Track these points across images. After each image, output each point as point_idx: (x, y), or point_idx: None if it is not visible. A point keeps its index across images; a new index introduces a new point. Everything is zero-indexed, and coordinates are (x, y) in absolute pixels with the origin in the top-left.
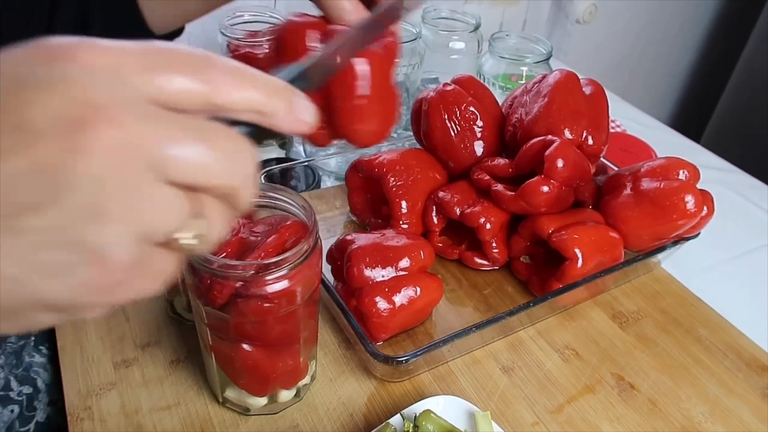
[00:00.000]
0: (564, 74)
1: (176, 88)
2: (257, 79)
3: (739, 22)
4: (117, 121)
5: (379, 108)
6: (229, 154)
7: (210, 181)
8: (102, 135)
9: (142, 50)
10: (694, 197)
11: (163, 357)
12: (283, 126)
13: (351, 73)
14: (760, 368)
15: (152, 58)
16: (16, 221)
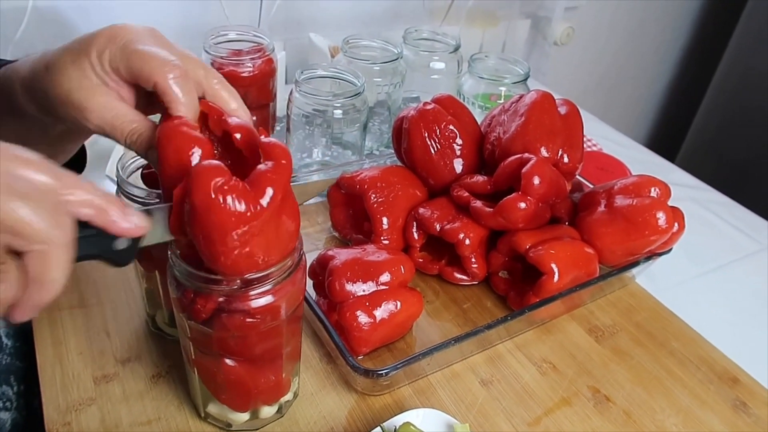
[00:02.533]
0: (540, 94)
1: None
2: (99, 191)
3: (711, 46)
4: None
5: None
6: (49, 214)
7: (24, 233)
8: None
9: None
10: (666, 214)
11: (144, 372)
12: (116, 225)
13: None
14: (731, 380)
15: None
16: None
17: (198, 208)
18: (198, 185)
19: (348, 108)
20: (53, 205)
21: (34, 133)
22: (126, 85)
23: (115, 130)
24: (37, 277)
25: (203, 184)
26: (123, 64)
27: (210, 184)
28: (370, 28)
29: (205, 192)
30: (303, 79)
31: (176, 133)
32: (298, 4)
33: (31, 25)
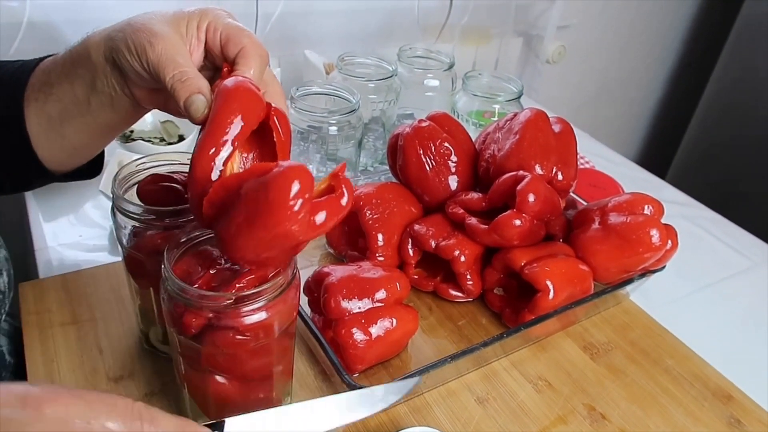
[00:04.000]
0: (534, 112)
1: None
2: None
3: (701, 63)
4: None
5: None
6: None
7: None
8: None
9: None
10: (659, 231)
11: (137, 390)
12: None
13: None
14: (725, 397)
15: (97, 406)
16: None
17: (267, 207)
18: (279, 184)
19: (343, 125)
20: None
21: (101, 113)
22: (201, 50)
23: (170, 64)
24: None
25: (285, 185)
26: (222, 26)
27: (290, 188)
28: (364, 45)
29: (284, 195)
30: (298, 95)
31: (246, 90)
32: (294, 22)
33: (26, 40)
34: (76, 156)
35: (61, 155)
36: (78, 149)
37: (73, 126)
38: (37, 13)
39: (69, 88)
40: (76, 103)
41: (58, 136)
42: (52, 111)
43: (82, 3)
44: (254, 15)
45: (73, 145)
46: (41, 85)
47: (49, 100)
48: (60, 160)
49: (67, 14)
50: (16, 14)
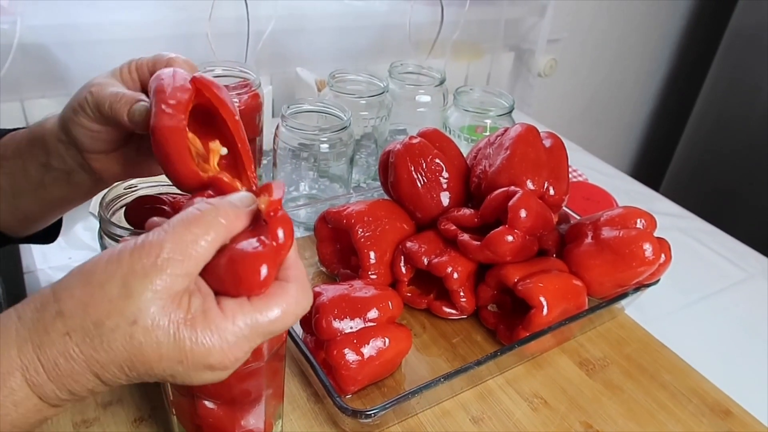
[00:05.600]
0: (525, 128)
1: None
2: None
3: (692, 75)
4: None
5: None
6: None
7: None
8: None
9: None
10: (652, 245)
11: (126, 416)
12: None
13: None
14: (723, 412)
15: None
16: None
17: (238, 283)
18: (248, 269)
19: (335, 142)
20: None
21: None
22: (138, 89)
23: (107, 97)
24: None
25: (254, 269)
26: (146, 60)
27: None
28: (356, 62)
29: (255, 278)
30: (290, 113)
31: (165, 76)
32: (285, 39)
33: (17, 62)
34: (28, 225)
35: (13, 223)
36: (30, 219)
37: (25, 199)
38: (27, 35)
39: (21, 165)
40: (28, 180)
41: (10, 206)
42: (4, 183)
43: (73, 25)
44: (245, 33)
45: (25, 216)
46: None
47: (2, 173)
48: (13, 227)
49: (58, 36)
50: (7, 36)
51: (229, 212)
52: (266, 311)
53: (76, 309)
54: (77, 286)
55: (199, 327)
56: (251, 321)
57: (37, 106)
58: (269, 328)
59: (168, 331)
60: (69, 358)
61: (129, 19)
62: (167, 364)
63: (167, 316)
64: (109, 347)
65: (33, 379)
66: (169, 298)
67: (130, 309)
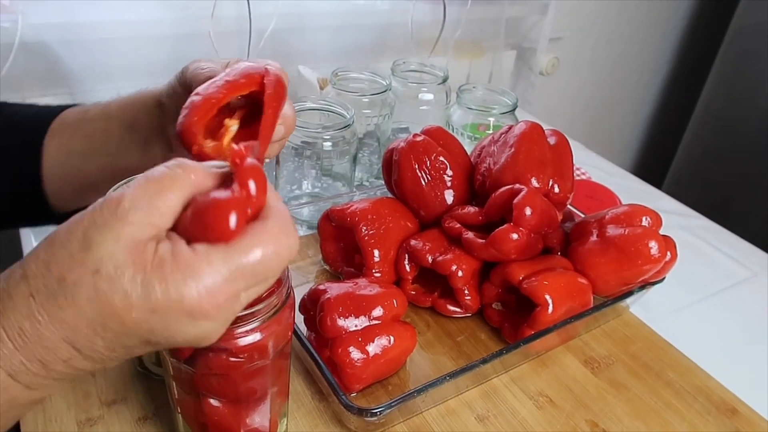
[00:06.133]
0: (529, 125)
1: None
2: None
3: (694, 74)
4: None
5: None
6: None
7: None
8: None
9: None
10: (658, 243)
11: (130, 414)
12: None
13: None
14: (729, 411)
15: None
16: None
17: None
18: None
19: (337, 140)
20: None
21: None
22: None
23: (200, 71)
24: None
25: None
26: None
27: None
28: (358, 60)
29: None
30: None
31: (243, 68)
32: (287, 37)
33: (18, 61)
34: (83, 195)
35: (68, 191)
36: (89, 187)
37: (95, 163)
38: (29, 34)
39: (105, 125)
40: (107, 140)
41: (74, 172)
42: (77, 146)
43: (75, 23)
44: (247, 31)
45: (86, 182)
46: (74, 120)
47: (77, 135)
48: (66, 197)
49: (60, 35)
50: (8, 34)
51: (198, 169)
52: (244, 248)
53: (39, 269)
54: (42, 249)
55: (168, 268)
56: (227, 258)
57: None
58: (251, 268)
59: (134, 278)
60: (34, 320)
61: (131, 18)
62: (139, 314)
63: (131, 261)
64: (73, 302)
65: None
66: (132, 245)
67: (91, 259)
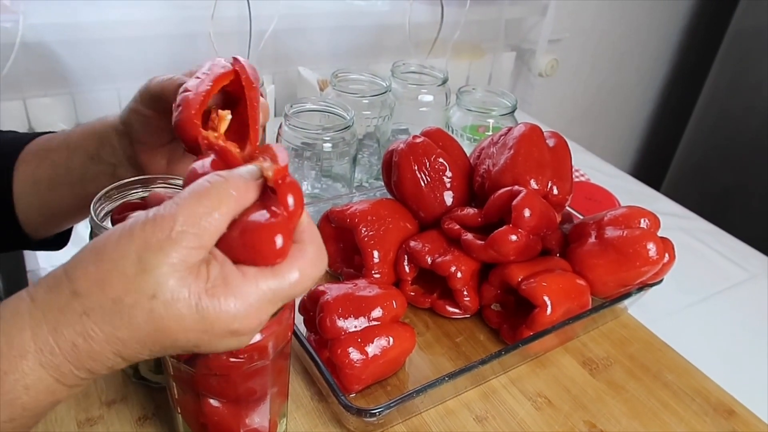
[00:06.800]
0: (528, 127)
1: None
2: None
3: (693, 75)
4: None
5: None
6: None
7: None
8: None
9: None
10: (656, 245)
11: (130, 414)
12: None
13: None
14: (727, 412)
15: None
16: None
17: (254, 255)
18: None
19: (337, 141)
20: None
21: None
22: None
23: (169, 83)
24: None
25: (270, 240)
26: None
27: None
28: (357, 61)
29: (271, 248)
30: (292, 112)
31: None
32: (287, 38)
33: (19, 61)
34: (52, 222)
35: (38, 219)
36: (58, 216)
37: (60, 193)
38: (30, 34)
39: (66, 155)
40: (69, 172)
41: (41, 201)
42: (42, 175)
43: (76, 24)
44: (248, 32)
45: (54, 212)
46: (38, 149)
47: (41, 165)
48: (36, 225)
49: (61, 35)
50: (9, 34)
51: (239, 184)
52: (287, 273)
53: (92, 287)
54: (90, 264)
55: (221, 294)
56: (273, 284)
57: (39, 105)
58: (290, 290)
59: (190, 303)
60: (88, 337)
61: (131, 18)
62: (192, 335)
63: (187, 287)
64: (130, 324)
65: (48, 361)
66: (186, 270)
67: (148, 284)
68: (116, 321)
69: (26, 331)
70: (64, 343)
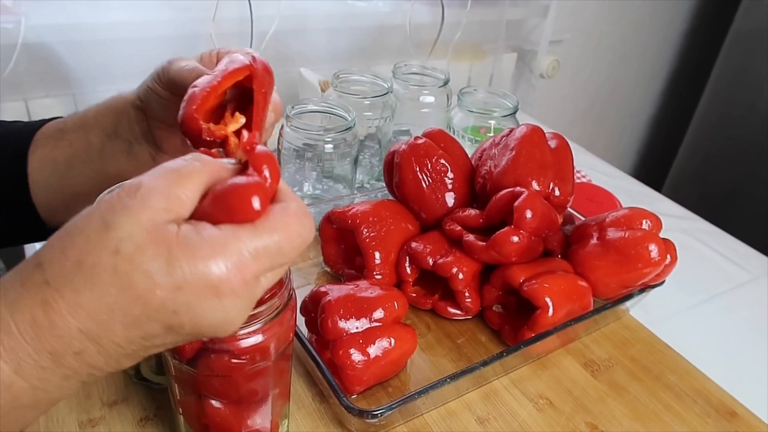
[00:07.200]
0: (530, 128)
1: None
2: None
3: (694, 77)
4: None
5: None
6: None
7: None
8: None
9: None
10: (658, 246)
11: (132, 415)
12: None
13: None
14: (729, 413)
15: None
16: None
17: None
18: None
19: (339, 142)
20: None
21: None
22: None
23: (183, 69)
24: None
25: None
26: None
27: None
28: (358, 62)
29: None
30: (294, 113)
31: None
32: (288, 39)
33: (21, 61)
34: (73, 204)
35: (58, 202)
36: (78, 196)
37: (80, 171)
38: (31, 35)
39: (83, 135)
40: (88, 150)
41: (61, 181)
42: (60, 156)
43: (77, 25)
44: (249, 33)
45: (75, 191)
46: (53, 131)
47: (59, 146)
48: (56, 208)
49: (62, 36)
50: (11, 35)
51: (213, 163)
52: (269, 228)
53: (54, 255)
54: (55, 238)
55: (195, 244)
56: (254, 236)
57: (40, 106)
58: (276, 247)
59: (158, 254)
60: (48, 308)
61: (133, 19)
62: (164, 293)
63: (153, 240)
64: (92, 285)
65: (4, 343)
66: (153, 226)
67: (110, 239)
68: (77, 283)
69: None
70: (21, 320)
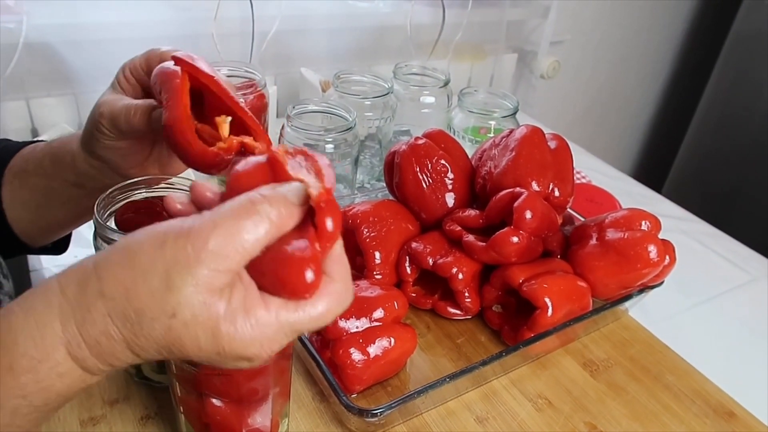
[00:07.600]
0: (530, 129)
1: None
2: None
3: (694, 78)
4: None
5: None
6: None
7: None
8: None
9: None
10: (657, 247)
11: (133, 414)
12: None
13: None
14: (727, 414)
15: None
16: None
17: (282, 287)
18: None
19: (339, 142)
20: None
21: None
22: (138, 90)
23: (121, 112)
24: None
25: (300, 273)
26: (138, 60)
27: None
28: (359, 62)
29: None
30: (295, 113)
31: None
32: (289, 39)
33: (22, 61)
34: (51, 233)
35: (34, 232)
36: (55, 228)
37: (52, 211)
38: (33, 34)
39: (45, 183)
40: (54, 196)
41: (33, 215)
42: (28, 197)
43: (79, 24)
44: (250, 34)
45: (49, 225)
46: (18, 171)
47: (24, 187)
48: (31, 236)
49: (64, 36)
50: (13, 35)
51: (282, 210)
52: (311, 309)
53: (117, 292)
54: (119, 266)
55: (239, 321)
56: (294, 318)
57: (42, 105)
58: (310, 324)
59: (207, 326)
60: (110, 337)
61: (134, 19)
62: (205, 354)
63: (207, 311)
64: (148, 335)
65: (76, 353)
66: (209, 293)
67: (170, 302)
68: (136, 330)
69: (56, 322)
70: (89, 339)
